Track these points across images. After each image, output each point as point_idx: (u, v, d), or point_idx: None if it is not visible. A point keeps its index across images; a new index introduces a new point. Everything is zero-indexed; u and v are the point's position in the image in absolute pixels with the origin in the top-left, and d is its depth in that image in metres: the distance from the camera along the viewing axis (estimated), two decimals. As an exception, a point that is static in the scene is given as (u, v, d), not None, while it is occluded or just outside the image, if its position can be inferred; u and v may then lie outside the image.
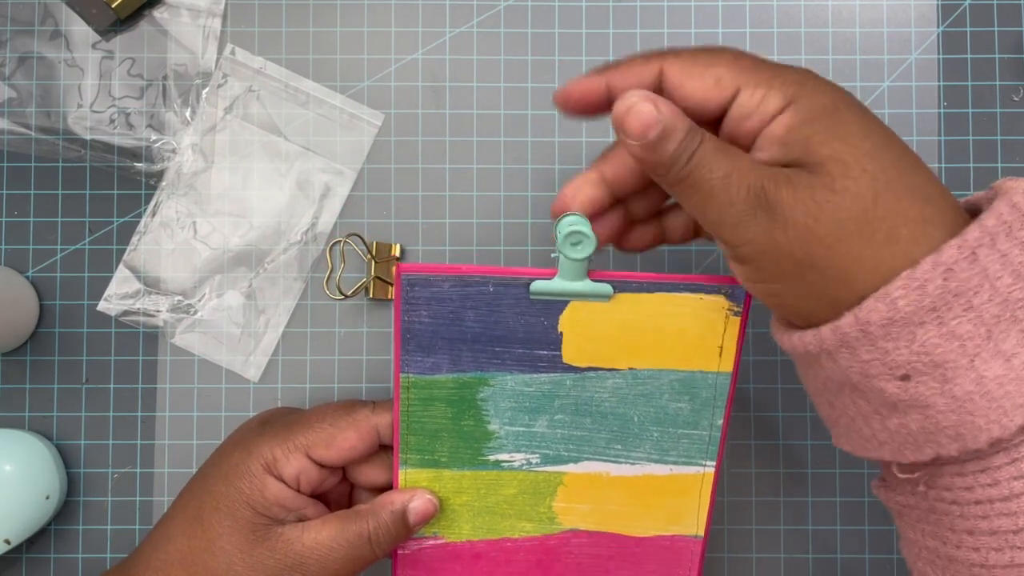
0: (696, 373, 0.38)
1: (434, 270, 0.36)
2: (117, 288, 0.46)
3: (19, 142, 0.46)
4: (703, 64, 0.32)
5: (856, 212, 0.29)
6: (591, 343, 0.38)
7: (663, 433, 0.39)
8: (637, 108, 0.30)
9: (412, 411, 0.38)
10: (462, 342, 0.37)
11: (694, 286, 0.36)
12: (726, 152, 0.31)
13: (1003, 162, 0.47)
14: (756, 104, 0.31)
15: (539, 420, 0.39)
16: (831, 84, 0.32)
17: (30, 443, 0.44)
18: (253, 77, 0.47)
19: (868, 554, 0.46)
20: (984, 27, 0.47)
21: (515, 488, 0.40)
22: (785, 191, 0.29)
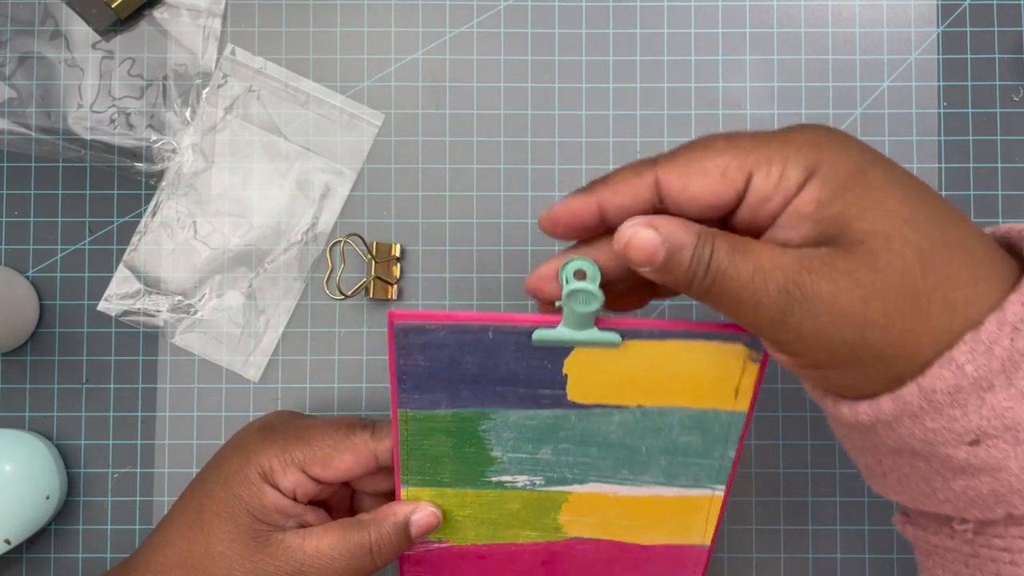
0: (709, 411, 0.36)
1: (429, 318, 0.34)
2: (117, 288, 0.46)
3: (19, 142, 0.46)
4: (701, 160, 0.30)
5: (907, 287, 0.27)
6: (598, 383, 0.36)
7: (672, 461, 0.38)
8: (638, 237, 0.29)
9: (412, 441, 0.37)
10: (461, 382, 0.36)
11: (710, 334, 0.34)
12: (744, 251, 0.29)
13: (1003, 162, 0.47)
14: (775, 185, 0.29)
15: (543, 448, 0.38)
16: (849, 139, 0.30)
17: (30, 443, 0.44)
18: (253, 77, 0.47)
19: (868, 554, 0.46)
20: (984, 27, 0.47)
21: (519, 504, 0.39)
22: (823, 281, 0.27)
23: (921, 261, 0.27)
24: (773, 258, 0.28)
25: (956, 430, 0.28)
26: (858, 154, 0.29)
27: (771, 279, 0.28)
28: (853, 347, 0.28)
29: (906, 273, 0.27)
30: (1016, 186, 0.47)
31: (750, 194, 0.29)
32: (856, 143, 0.29)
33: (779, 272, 0.28)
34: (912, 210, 0.28)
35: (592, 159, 0.47)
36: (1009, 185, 0.47)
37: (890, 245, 0.27)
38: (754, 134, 0.30)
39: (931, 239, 0.27)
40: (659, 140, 0.47)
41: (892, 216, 0.27)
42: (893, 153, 0.46)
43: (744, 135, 0.30)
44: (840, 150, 0.29)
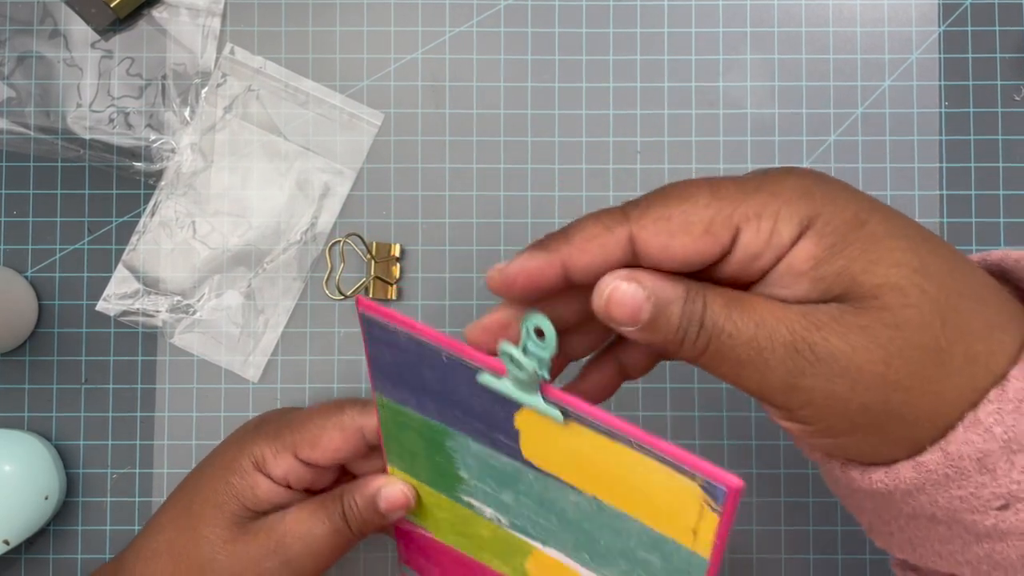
0: (669, 539, 0.29)
1: (390, 317, 0.31)
2: (116, 288, 0.46)
3: (18, 142, 0.46)
4: (681, 215, 0.26)
5: (928, 343, 0.25)
6: (551, 453, 0.31)
7: (632, 569, 0.32)
8: (619, 292, 0.26)
9: (389, 429, 0.36)
10: (424, 393, 0.33)
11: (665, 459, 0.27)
12: (742, 307, 0.26)
13: (1004, 162, 0.47)
14: (765, 241, 0.26)
15: (505, 491, 0.34)
16: (842, 187, 0.27)
17: (29, 443, 0.44)
18: (252, 77, 0.47)
19: (868, 555, 0.46)
20: (985, 26, 0.47)
21: (489, 532, 0.37)
22: (835, 339, 0.25)
23: (939, 313, 0.25)
24: (776, 313, 0.25)
25: (984, 496, 0.26)
26: (855, 203, 0.26)
27: (777, 337, 0.25)
28: (873, 412, 0.25)
29: (926, 328, 0.25)
30: (1017, 186, 0.47)
31: (737, 251, 0.26)
32: (850, 190, 0.27)
33: (785, 329, 0.25)
34: (921, 259, 0.25)
35: (592, 159, 0.47)
36: (1010, 185, 0.47)
37: (906, 298, 0.25)
38: (738, 182, 0.27)
39: (945, 289, 0.25)
40: (659, 140, 0.47)
41: (902, 267, 0.25)
42: (894, 153, 0.46)
43: (727, 184, 0.27)
44: (835, 200, 0.26)
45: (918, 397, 0.25)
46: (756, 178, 0.27)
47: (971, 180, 0.47)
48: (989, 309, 0.26)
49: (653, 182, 0.46)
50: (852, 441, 0.27)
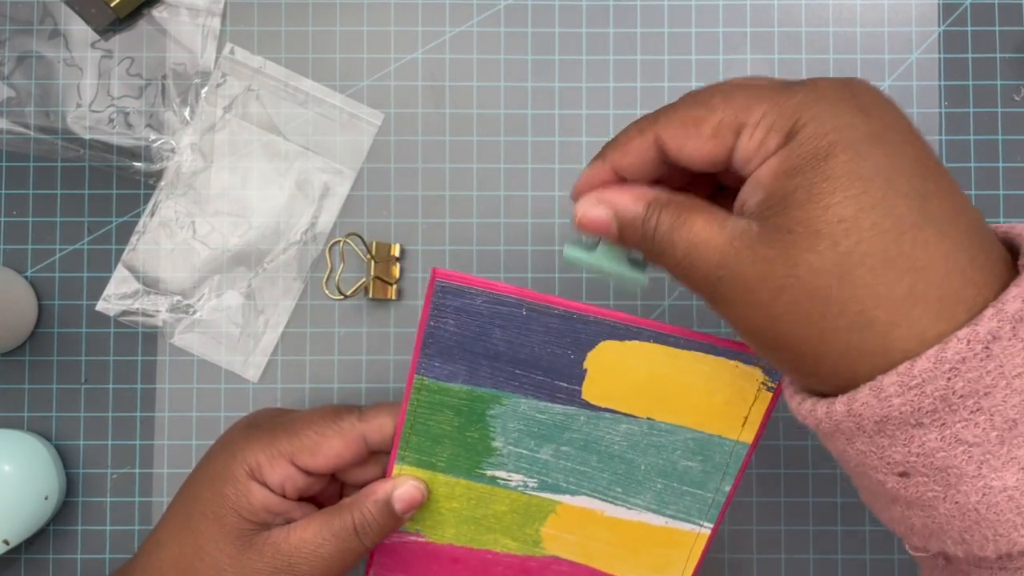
0: (715, 437, 0.37)
1: (470, 282, 0.35)
2: (116, 288, 0.46)
3: (18, 142, 0.46)
4: (696, 120, 0.29)
5: (818, 294, 0.26)
6: (614, 385, 0.36)
7: (667, 487, 0.38)
8: (589, 215, 0.31)
9: (419, 412, 0.38)
10: (484, 357, 0.36)
11: (733, 353, 0.35)
12: (685, 228, 0.28)
13: (1004, 162, 0.47)
14: (756, 148, 0.27)
15: (545, 448, 0.38)
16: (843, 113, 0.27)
17: (29, 443, 0.44)
18: (252, 76, 0.47)
19: (868, 555, 0.46)
20: (985, 26, 0.47)
21: (506, 506, 0.39)
22: (747, 266, 0.27)
23: (842, 270, 0.25)
24: (708, 236, 0.28)
25: (885, 458, 0.26)
26: (842, 130, 0.26)
27: (702, 258, 0.28)
28: (766, 335, 0.27)
29: (821, 278, 0.25)
30: (1017, 186, 0.47)
31: (736, 152, 0.28)
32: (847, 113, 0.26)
33: (711, 252, 0.28)
34: (858, 210, 0.25)
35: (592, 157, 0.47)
36: (1010, 185, 0.47)
37: (815, 244, 0.25)
38: (752, 88, 0.28)
39: (866, 248, 0.25)
40: (659, 140, 0.47)
41: (830, 213, 0.25)
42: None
43: (743, 89, 0.28)
44: (823, 121, 0.26)
45: (803, 337, 0.26)
46: (778, 85, 0.28)
47: (971, 180, 0.47)
48: (926, 281, 0.25)
49: (653, 182, 0.46)
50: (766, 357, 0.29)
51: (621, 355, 0.36)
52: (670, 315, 0.46)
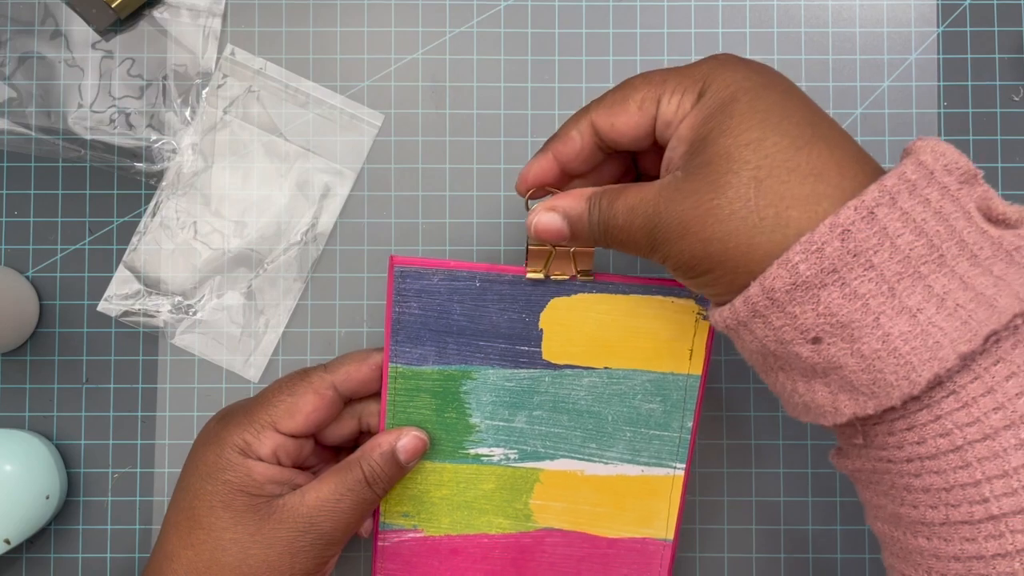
0: (668, 375, 0.40)
1: (425, 264, 0.38)
2: (117, 288, 0.46)
3: (19, 142, 0.46)
4: (621, 98, 0.34)
5: (739, 206, 0.30)
6: (569, 341, 0.39)
7: (635, 433, 0.40)
8: (543, 221, 0.35)
9: (398, 401, 0.40)
10: (448, 335, 0.39)
11: (666, 289, 0.39)
12: (620, 199, 0.33)
13: (1003, 162, 0.47)
14: (674, 111, 0.32)
15: (518, 416, 0.40)
16: (740, 66, 0.32)
17: (30, 443, 0.44)
18: (253, 77, 0.47)
19: (868, 554, 0.46)
20: (984, 27, 0.47)
21: (493, 483, 0.41)
22: (675, 205, 0.31)
23: (755, 180, 0.30)
24: (640, 196, 0.32)
25: (798, 327, 0.30)
26: (740, 81, 0.31)
27: (638, 215, 0.32)
28: (700, 260, 0.31)
29: (739, 192, 0.30)
30: (1016, 186, 0.47)
31: (658, 119, 0.33)
32: (744, 70, 0.32)
33: (645, 206, 0.32)
34: (761, 134, 0.30)
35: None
36: (1009, 185, 0.47)
37: (730, 166, 0.30)
38: (667, 68, 0.34)
39: (771, 160, 0.30)
40: (659, 140, 0.47)
41: (736, 139, 0.30)
42: (893, 153, 0.47)
43: (659, 70, 0.34)
44: (725, 78, 0.32)
45: (732, 248, 0.30)
46: (684, 66, 0.33)
47: (970, 180, 0.47)
48: (821, 183, 0.30)
49: (653, 182, 0.47)
50: (699, 284, 0.32)
51: (570, 310, 0.39)
52: (670, 315, 0.47)
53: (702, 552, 0.46)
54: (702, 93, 0.32)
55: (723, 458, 0.47)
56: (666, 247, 0.32)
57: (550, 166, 0.36)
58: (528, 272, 0.38)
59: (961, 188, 0.29)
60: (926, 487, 0.29)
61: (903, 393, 0.28)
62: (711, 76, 0.32)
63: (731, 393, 0.47)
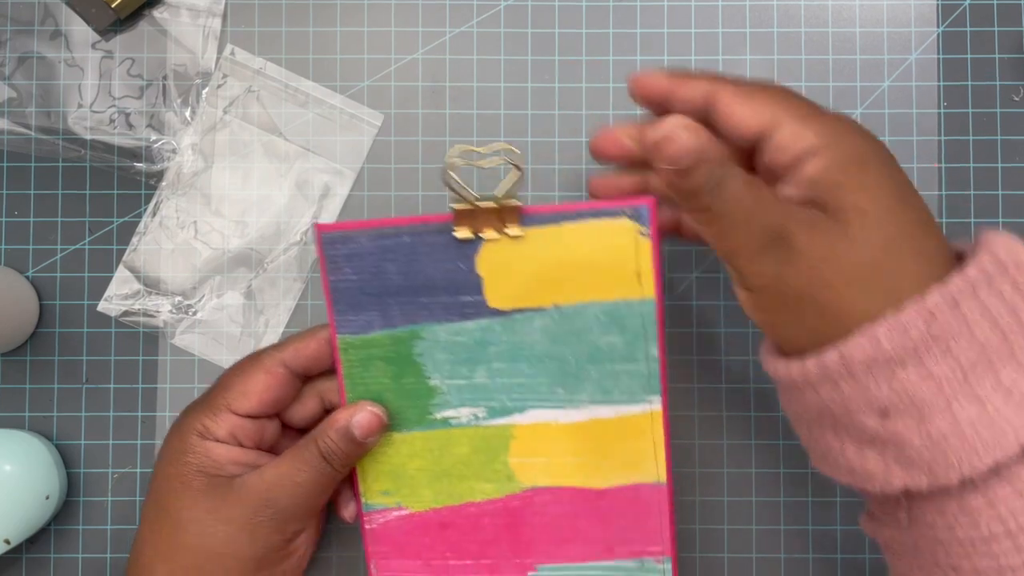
0: (620, 303, 0.37)
1: (350, 226, 0.37)
2: (117, 288, 0.46)
3: (19, 142, 0.46)
4: (753, 95, 0.34)
5: (866, 262, 0.31)
6: (512, 284, 0.38)
7: (601, 371, 0.38)
8: (676, 134, 0.31)
9: (354, 373, 0.39)
10: (389, 296, 0.38)
11: (597, 212, 0.36)
12: (751, 186, 0.32)
13: (1003, 162, 0.47)
14: (792, 141, 0.33)
15: (478, 371, 0.39)
16: (864, 134, 0.34)
17: (30, 443, 0.44)
18: (253, 77, 0.47)
19: (868, 554, 0.46)
20: (984, 27, 0.47)
21: (467, 446, 0.40)
22: (804, 233, 0.31)
23: (885, 247, 0.31)
24: (773, 200, 0.32)
25: (869, 398, 0.31)
26: (866, 145, 0.33)
27: (766, 217, 0.32)
28: (801, 298, 0.32)
29: (870, 251, 0.31)
30: (1016, 186, 0.47)
31: (773, 140, 0.33)
32: (871, 139, 0.34)
33: (774, 212, 0.32)
34: (896, 202, 0.32)
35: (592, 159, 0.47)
36: (1009, 185, 0.47)
37: (865, 223, 0.31)
38: (801, 99, 0.35)
39: (902, 233, 0.32)
40: (659, 140, 0.47)
41: (876, 202, 0.32)
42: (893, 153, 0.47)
43: (795, 95, 0.35)
44: (854, 138, 0.33)
45: (839, 300, 0.31)
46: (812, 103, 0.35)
47: (970, 180, 0.47)
48: (931, 267, 0.31)
49: (653, 182, 0.47)
50: (779, 319, 0.33)
51: (504, 250, 0.37)
52: (669, 314, 0.47)
53: (702, 552, 0.46)
54: (828, 142, 0.32)
55: (723, 458, 0.46)
56: (775, 265, 0.32)
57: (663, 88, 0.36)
58: (456, 232, 0.37)
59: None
60: (977, 569, 0.31)
61: (962, 475, 0.30)
62: (840, 130, 0.33)
63: (731, 393, 0.47)
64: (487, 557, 0.41)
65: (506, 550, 0.41)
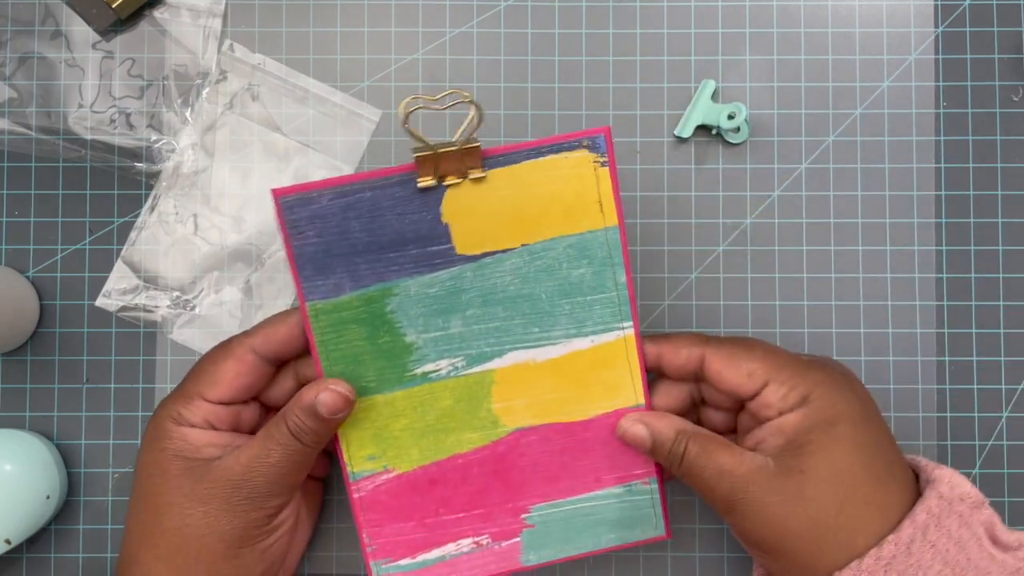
0: (586, 234, 0.39)
1: (309, 187, 0.36)
2: (115, 284, 0.46)
3: (20, 142, 0.46)
4: (740, 359, 0.39)
5: (821, 520, 0.36)
6: (479, 228, 0.38)
7: (573, 304, 0.39)
8: (631, 431, 0.40)
9: (327, 340, 0.39)
10: (356, 255, 0.37)
11: (556, 146, 0.37)
12: (710, 454, 0.38)
13: (1002, 162, 0.47)
14: (778, 400, 0.38)
15: (452, 320, 0.39)
16: (845, 394, 0.38)
17: (30, 443, 0.44)
18: (252, 73, 0.47)
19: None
20: (983, 27, 0.47)
21: (450, 398, 0.40)
22: (764, 493, 0.36)
23: (839, 505, 0.36)
24: (732, 465, 0.37)
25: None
26: (841, 407, 0.37)
27: (724, 481, 0.37)
28: (771, 544, 0.37)
29: (824, 509, 0.36)
30: (1016, 186, 0.47)
31: (760, 397, 0.38)
32: (848, 393, 0.38)
33: (733, 477, 0.37)
34: (852, 466, 0.36)
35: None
36: (1009, 185, 0.47)
37: (821, 484, 0.36)
38: (786, 355, 0.39)
39: (856, 491, 0.36)
40: (659, 140, 0.47)
41: (833, 466, 0.36)
42: (893, 153, 0.47)
43: (779, 353, 0.39)
44: (832, 396, 0.37)
45: (803, 551, 0.36)
46: (799, 358, 0.39)
47: (969, 180, 0.47)
48: (885, 518, 0.36)
49: (652, 181, 0.47)
50: (761, 557, 0.38)
51: (468, 194, 0.37)
52: (669, 314, 0.47)
53: (702, 552, 0.46)
54: (807, 398, 0.37)
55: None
56: (741, 519, 0.37)
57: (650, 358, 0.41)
58: (419, 181, 0.37)
59: (972, 513, 0.36)
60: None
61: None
62: (819, 388, 0.37)
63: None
64: (480, 507, 0.41)
65: (497, 497, 0.41)
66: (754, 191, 0.47)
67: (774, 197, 0.47)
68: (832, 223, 0.47)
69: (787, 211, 0.47)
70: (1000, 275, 0.47)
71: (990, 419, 0.46)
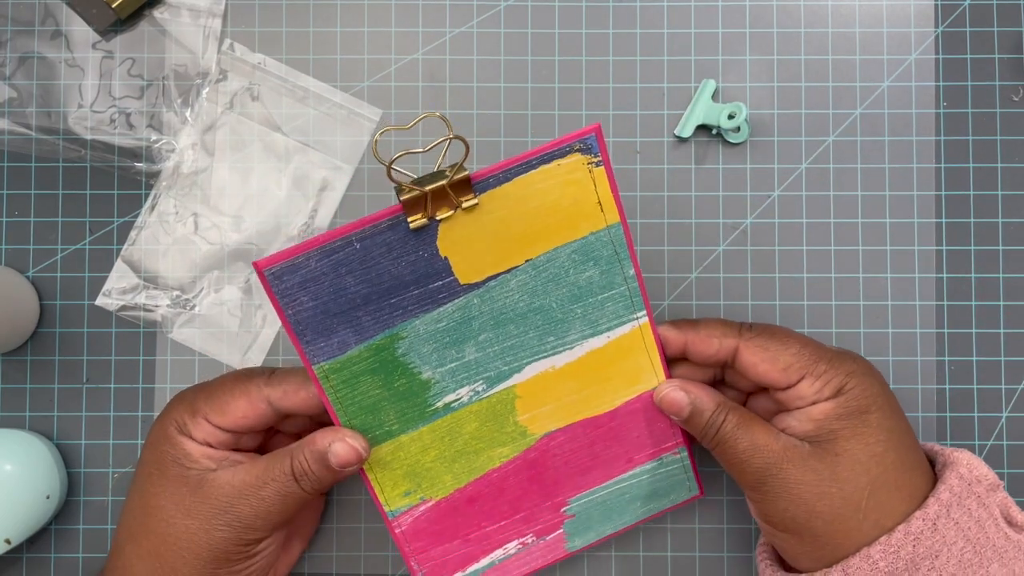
0: (588, 237, 0.38)
1: (292, 253, 0.34)
2: (115, 283, 0.46)
3: (19, 142, 0.46)
4: (775, 351, 0.39)
5: (852, 501, 0.37)
6: (479, 254, 0.36)
7: (585, 307, 0.39)
8: (671, 396, 0.40)
9: (342, 396, 0.38)
10: (356, 309, 0.36)
11: (546, 156, 0.35)
12: (748, 428, 0.38)
13: (1002, 162, 0.47)
14: (813, 393, 0.38)
15: (466, 349, 0.38)
16: (873, 384, 0.39)
17: (30, 443, 0.44)
18: (252, 73, 0.47)
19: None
20: (983, 27, 0.47)
21: (475, 422, 0.40)
22: (796, 470, 0.37)
23: (871, 489, 0.37)
24: (767, 441, 0.38)
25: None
26: (873, 397, 0.38)
27: (759, 456, 0.38)
28: (800, 524, 0.37)
29: (856, 492, 0.37)
30: (1016, 186, 0.47)
31: (794, 389, 0.39)
32: (878, 385, 0.39)
33: (768, 452, 0.38)
34: (884, 451, 0.38)
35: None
36: (1009, 185, 0.47)
37: (854, 468, 0.37)
38: (819, 348, 0.39)
39: (886, 477, 0.37)
40: (659, 140, 0.47)
41: (868, 451, 0.37)
42: (892, 153, 0.47)
43: (813, 345, 0.39)
44: (864, 386, 0.38)
45: (831, 529, 0.37)
46: (831, 350, 0.40)
47: (969, 180, 0.47)
48: (912, 501, 0.38)
49: (652, 182, 0.47)
50: (784, 539, 0.39)
51: (463, 224, 0.36)
52: (670, 314, 0.47)
53: (702, 552, 0.46)
54: (840, 390, 0.38)
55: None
56: (771, 497, 0.38)
57: (677, 344, 0.41)
58: (410, 222, 0.35)
59: (989, 494, 0.38)
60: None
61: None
62: (853, 379, 0.38)
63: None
64: (520, 511, 0.42)
65: (535, 499, 0.42)
66: (754, 191, 0.47)
67: (774, 197, 0.47)
68: (832, 223, 0.47)
69: (787, 211, 0.47)
70: (1000, 275, 0.47)
71: (990, 419, 0.46)
